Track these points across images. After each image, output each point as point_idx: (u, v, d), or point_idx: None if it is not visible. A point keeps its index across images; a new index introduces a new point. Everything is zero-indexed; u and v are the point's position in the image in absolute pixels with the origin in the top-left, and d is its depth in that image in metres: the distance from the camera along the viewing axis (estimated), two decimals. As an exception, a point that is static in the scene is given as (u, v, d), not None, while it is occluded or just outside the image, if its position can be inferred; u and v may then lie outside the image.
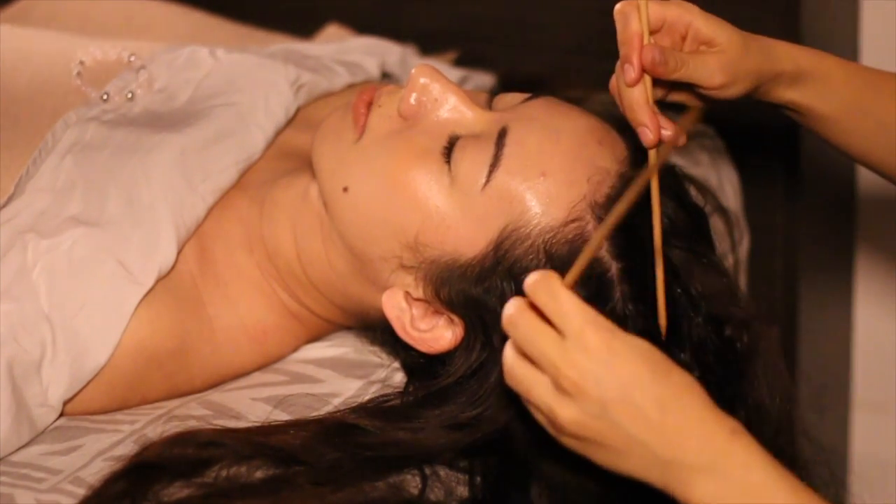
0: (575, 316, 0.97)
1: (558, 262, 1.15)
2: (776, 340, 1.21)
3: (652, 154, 1.13)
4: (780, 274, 1.88)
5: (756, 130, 1.83)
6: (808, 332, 1.95)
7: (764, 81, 1.17)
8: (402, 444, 1.15)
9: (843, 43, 1.92)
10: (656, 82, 1.14)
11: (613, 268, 1.16)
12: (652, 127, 1.12)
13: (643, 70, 1.11)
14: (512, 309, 0.99)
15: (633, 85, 1.12)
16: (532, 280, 0.99)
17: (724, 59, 1.14)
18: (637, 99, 1.12)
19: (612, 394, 0.96)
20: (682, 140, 1.15)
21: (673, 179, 1.21)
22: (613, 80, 1.15)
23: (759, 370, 1.19)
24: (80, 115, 1.33)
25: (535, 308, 0.99)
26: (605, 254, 1.16)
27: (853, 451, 2.09)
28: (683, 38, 1.15)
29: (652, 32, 1.12)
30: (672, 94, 1.18)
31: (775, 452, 0.99)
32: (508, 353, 1.00)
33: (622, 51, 1.12)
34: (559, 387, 0.97)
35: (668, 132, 1.12)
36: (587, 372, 0.96)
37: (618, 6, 1.13)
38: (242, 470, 1.13)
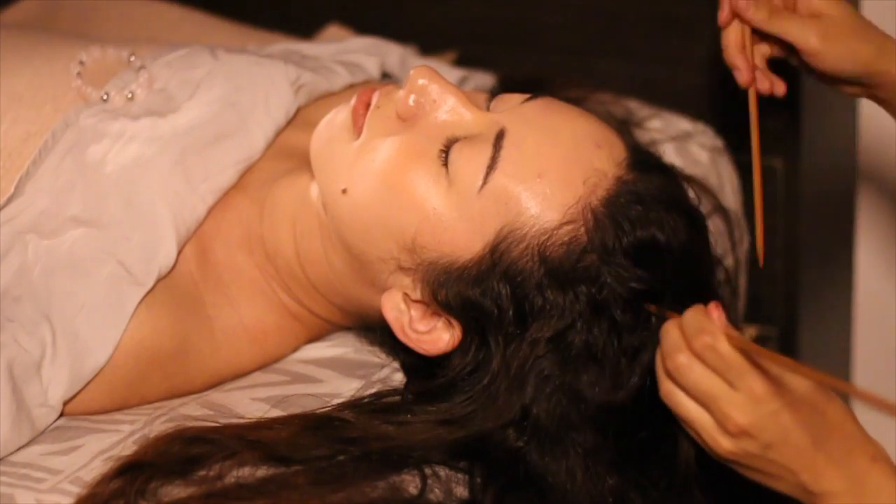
0: (743, 370, 1.03)
1: (552, 264, 1.15)
2: None
3: (750, 94, 1.23)
4: (780, 274, 1.88)
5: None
6: (808, 332, 1.95)
7: (871, 74, 1.21)
8: (386, 438, 1.15)
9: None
10: (762, 38, 1.21)
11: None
12: (743, 68, 1.21)
13: (733, 13, 1.19)
14: (683, 358, 1.05)
15: (723, 25, 1.20)
16: (695, 329, 1.04)
17: (825, 28, 1.19)
18: (732, 41, 1.21)
19: (774, 438, 1.03)
20: (778, 90, 1.24)
21: (672, 185, 1.21)
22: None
23: None
24: (80, 116, 1.33)
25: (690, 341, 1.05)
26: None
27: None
28: (789, 4, 1.20)
29: None
30: (776, 52, 1.25)
31: None
32: (669, 387, 1.07)
33: None
34: (724, 428, 1.04)
35: (763, 83, 1.22)
36: (754, 421, 1.03)
37: None
38: (245, 470, 1.13)
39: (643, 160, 1.21)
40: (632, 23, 1.90)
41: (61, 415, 1.23)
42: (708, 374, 1.04)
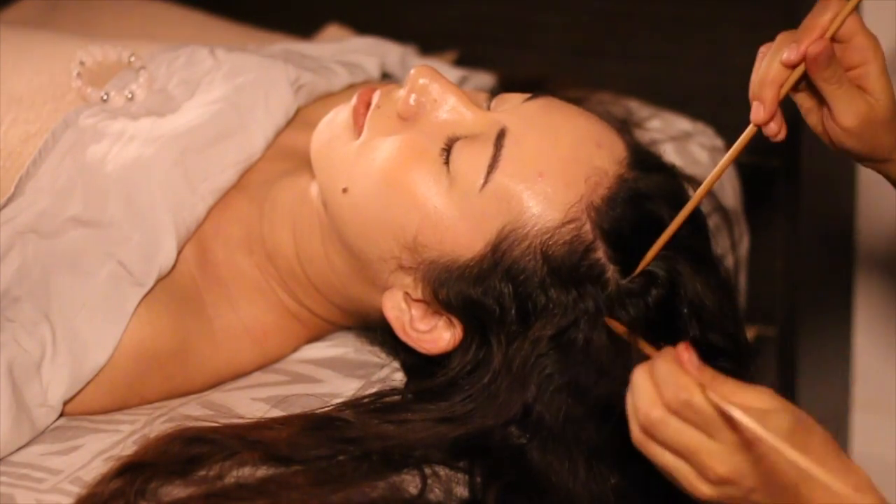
0: (721, 422, 0.99)
1: (554, 263, 1.15)
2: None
3: (748, 131, 1.14)
4: (780, 274, 1.88)
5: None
6: (808, 332, 1.95)
7: (882, 160, 1.17)
8: (386, 438, 1.15)
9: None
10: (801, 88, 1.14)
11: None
12: (767, 111, 1.13)
13: (803, 58, 1.11)
14: (657, 413, 1.01)
15: (787, 65, 1.12)
16: (668, 383, 1.01)
17: (867, 110, 1.13)
18: (774, 77, 1.13)
19: (756, 483, 1.00)
20: (782, 135, 1.15)
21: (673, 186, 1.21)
22: (764, 48, 1.15)
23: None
24: (80, 116, 1.33)
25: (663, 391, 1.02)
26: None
27: (853, 451, 2.09)
28: (850, 69, 1.13)
29: (833, 39, 1.11)
30: (801, 101, 1.18)
31: None
32: (642, 437, 1.03)
33: (799, 31, 1.12)
34: (704, 476, 1.01)
35: (773, 126, 1.13)
36: (735, 470, 1.00)
37: None
38: (245, 470, 1.13)
39: (644, 159, 1.21)
40: (632, 23, 1.90)
41: (61, 415, 1.23)
42: (685, 428, 1.01)
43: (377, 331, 1.29)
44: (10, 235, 1.24)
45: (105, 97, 1.36)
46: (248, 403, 1.24)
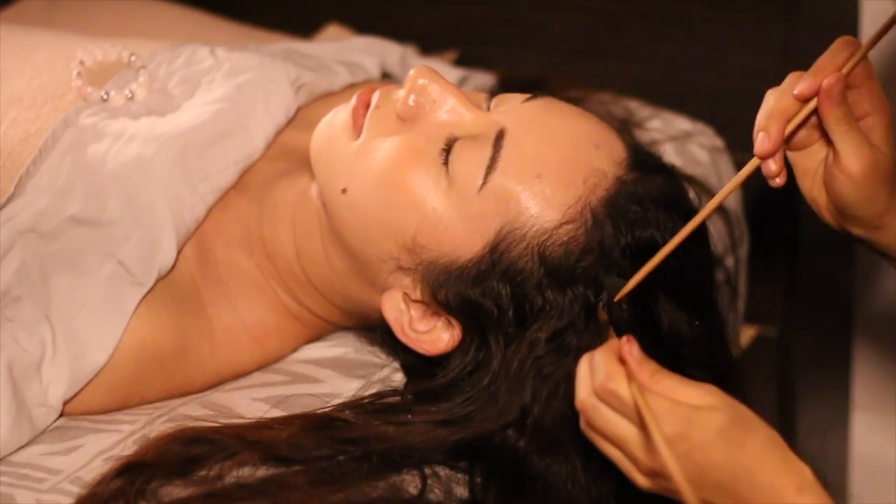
0: (649, 412, 1.00)
1: (551, 264, 1.15)
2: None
3: (750, 164, 1.11)
4: (780, 274, 1.88)
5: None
6: (808, 332, 1.95)
7: (874, 218, 1.14)
8: (387, 439, 1.15)
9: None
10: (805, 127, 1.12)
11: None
12: (773, 142, 1.09)
13: (817, 91, 1.08)
14: (584, 396, 1.03)
15: (799, 98, 1.09)
16: (602, 372, 1.02)
17: (872, 159, 1.10)
18: (783, 110, 1.10)
19: (689, 479, 0.99)
20: (781, 180, 1.12)
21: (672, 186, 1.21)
22: (771, 90, 1.12)
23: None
24: (80, 115, 1.33)
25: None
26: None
27: (853, 451, 2.09)
28: (858, 118, 1.11)
29: (848, 77, 1.09)
30: (796, 161, 1.15)
31: None
32: (583, 425, 1.05)
33: (817, 65, 1.09)
34: (638, 468, 1.02)
35: (774, 165, 1.10)
36: (665, 464, 0.99)
37: (846, 38, 1.10)
38: (245, 470, 1.13)
39: (643, 160, 1.21)
40: (632, 23, 1.90)
41: (61, 415, 1.23)
42: (615, 418, 1.02)
43: (377, 331, 1.29)
44: (10, 235, 1.24)
45: (105, 97, 1.36)
46: (248, 403, 1.24)
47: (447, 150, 1.19)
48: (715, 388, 1.02)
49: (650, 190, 1.18)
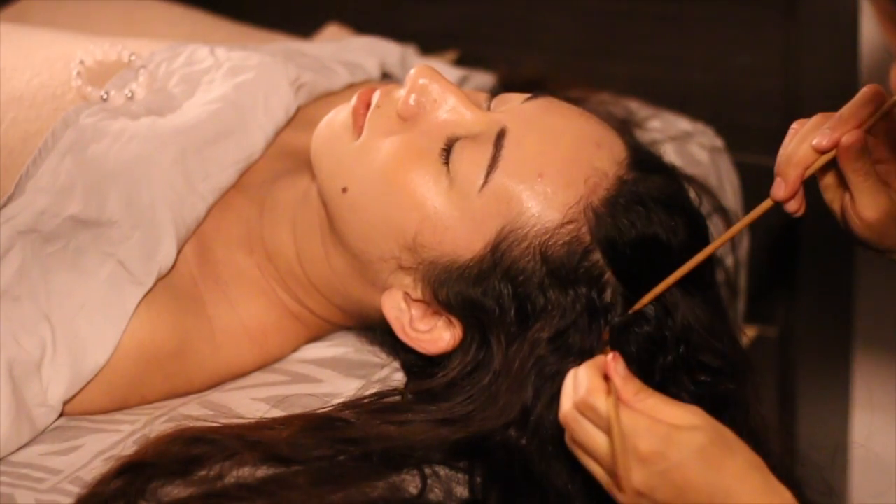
0: (628, 430, 1.00)
1: (553, 264, 1.15)
2: (754, 384, 1.22)
3: (765, 204, 1.13)
4: (780, 274, 1.88)
5: (756, 130, 1.83)
6: (808, 332, 1.95)
7: (891, 248, 1.15)
8: (387, 438, 1.15)
9: (843, 43, 1.93)
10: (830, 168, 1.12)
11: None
12: (788, 189, 1.11)
13: (835, 145, 1.09)
14: (566, 409, 1.04)
15: (817, 150, 1.10)
16: (583, 387, 1.03)
17: (892, 206, 1.11)
18: (802, 158, 1.10)
19: (666, 498, 1.00)
20: (800, 212, 1.13)
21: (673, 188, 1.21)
22: (797, 124, 1.13)
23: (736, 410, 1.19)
24: (80, 115, 1.33)
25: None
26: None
27: (853, 451, 2.09)
28: (878, 162, 1.12)
29: (870, 129, 1.10)
30: (826, 184, 1.15)
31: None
32: (567, 439, 1.06)
33: (839, 116, 1.10)
34: (616, 484, 1.02)
35: (793, 203, 1.12)
36: (642, 481, 1.00)
37: (873, 88, 1.10)
38: (245, 470, 1.13)
39: (644, 160, 1.21)
40: (632, 23, 1.90)
41: (61, 415, 1.23)
42: (595, 432, 1.03)
43: (377, 331, 1.29)
44: (11, 235, 1.24)
45: (105, 96, 1.36)
46: (248, 403, 1.24)
47: (448, 149, 1.19)
48: (699, 410, 1.03)
49: (651, 189, 1.18)
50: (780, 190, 1.11)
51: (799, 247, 1.88)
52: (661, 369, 1.17)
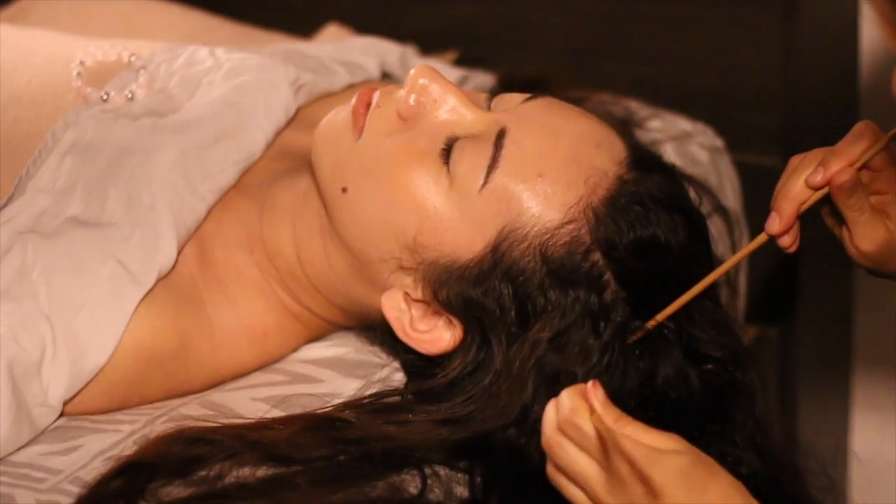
0: (609, 451, 1.01)
1: (553, 264, 1.15)
2: (758, 382, 1.22)
3: (760, 238, 1.14)
4: (780, 274, 1.88)
5: (756, 130, 1.83)
6: (808, 332, 1.95)
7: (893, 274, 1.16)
8: (388, 438, 1.15)
9: (843, 43, 1.93)
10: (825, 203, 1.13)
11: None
12: (783, 224, 1.12)
13: (828, 182, 1.10)
14: (549, 433, 1.04)
15: (810, 187, 1.11)
16: (566, 407, 1.03)
17: (889, 237, 1.12)
18: (796, 194, 1.12)
19: None
20: (794, 248, 1.14)
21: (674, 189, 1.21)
22: (796, 158, 1.13)
23: (740, 411, 1.19)
24: (80, 116, 1.33)
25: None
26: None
27: (853, 451, 2.09)
28: (875, 193, 1.13)
29: (864, 166, 1.10)
30: (826, 213, 1.16)
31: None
32: (550, 469, 1.06)
33: (833, 153, 1.11)
34: None
35: (787, 238, 1.13)
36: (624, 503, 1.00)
37: (866, 124, 1.11)
38: (245, 470, 1.13)
39: (643, 160, 1.21)
40: (632, 23, 1.90)
41: (61, 415, 1.23)
42: (578, 455, 1.03)
43: (377, 331, 1.28)
44: (11, 235, 1.24)
45: (105, 97, 1.36)
46: (248, 403, 1.24)
47: (448, 149, 1.19)
48: (678, 437, 1.03)
49: (651, 189, 1.18)
50: (774, 224, 1.13)
51: (799, 247, 1.88)
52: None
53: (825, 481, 1.23)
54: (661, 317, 1.15)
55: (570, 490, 1.05)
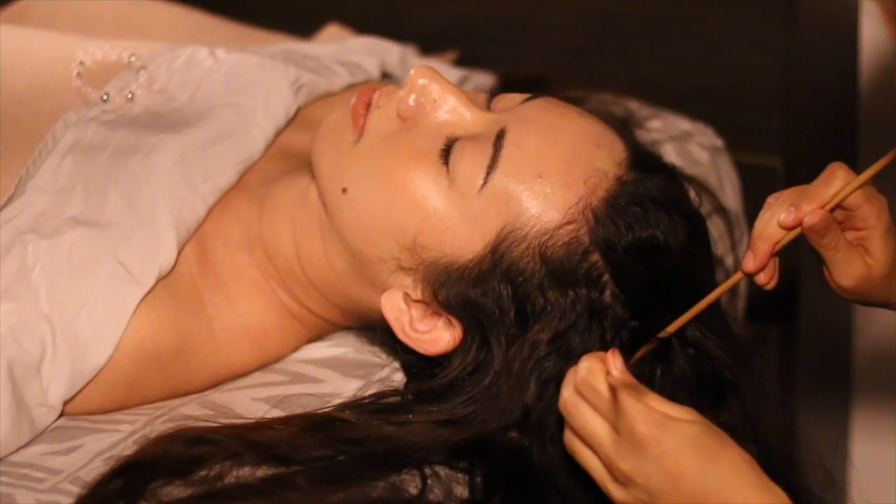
0: (623, 412, 1.02)
1: (553, 265, 1.15)
2: (758, 372, 1.22)
3: (736, 276, 1.14)
4: (780, 274, 1.88)
5: (756, 130, 1.83)
6: (808, 332, 1.95)
7: (878, 304, 1.17)
8: (388, 439, 1.15)
9: (843, 42, 1.93)
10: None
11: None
12: (756, 263, 1.12)
13: (799, 223, 1.10)
14: (566, 395, 1.06)
15: (781, 225, 1.11)
16: (584, 368, 1.06)
17: (867, 272, 1.13)
18: (770, 234, 1.12)
19: (660, 486, 1.01)
20: (771, 285, 1.15)
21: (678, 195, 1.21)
22: (773, 197, 1.14)
23: (744, 400, 1.19)
24: (81, 116, 1.33)
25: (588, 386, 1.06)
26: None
27: (853, 451, 2.09)
28: (852, 230, 1.13)
29: (839, 206, 1.10)
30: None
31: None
32: (567, 433, 1.08)
33: (805, 194, 1.11)
34: (612, 475, 1.04)
35: (763, 276, 1.13)
36: (636, 467, 1.02)
37: (837, 165, 1.11)
38: (245, 470, 1.13)
39: (643, 160, 1.21)
40: (632, 23, 1.90)
41: (61, 415, 1.23)
42: (592, 417, 1.04)
43: (377, 331, 1.29)
44: (10, 235, 1.24)
45: (105, 97, 1.36)
46: (248, 403, 1.24)
47: (447, 149, 1.19)
48: (693, 410, 1.04)
49: (651, 190, 1.18)
50: (749, 263, 1.13)
51: (799, 246, 1.88)
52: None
53: (824, 476, 1.23)
54: (641, 353, 1.15)
55: (585, 455, 1.06)
